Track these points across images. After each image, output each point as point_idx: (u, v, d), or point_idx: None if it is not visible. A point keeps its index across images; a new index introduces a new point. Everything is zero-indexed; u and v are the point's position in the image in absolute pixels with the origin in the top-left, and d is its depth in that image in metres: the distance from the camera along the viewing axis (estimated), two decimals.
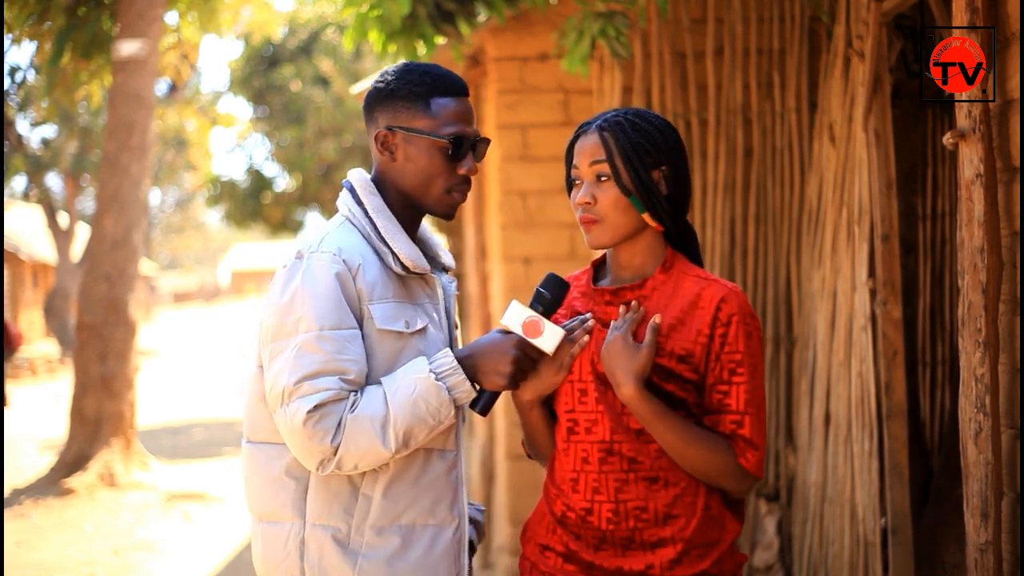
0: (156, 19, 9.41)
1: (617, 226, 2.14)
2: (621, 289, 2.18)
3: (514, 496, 5.33)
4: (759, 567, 4.40)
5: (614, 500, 2.11)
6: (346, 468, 2.06)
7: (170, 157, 30.93)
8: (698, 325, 2.10)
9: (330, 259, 2.09)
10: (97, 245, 9.52)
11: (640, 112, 2.18)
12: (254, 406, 2.18)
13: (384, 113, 2.19)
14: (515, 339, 2.12)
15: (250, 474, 2.20)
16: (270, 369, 2.09)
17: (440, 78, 2.18)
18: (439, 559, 2.16)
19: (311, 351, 2.04)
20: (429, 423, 2.08)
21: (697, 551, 2.10)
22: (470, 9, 4.60)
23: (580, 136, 2.18)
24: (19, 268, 24.06)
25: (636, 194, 2.12)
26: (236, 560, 6.82)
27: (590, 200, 2.14)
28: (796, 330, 4.42)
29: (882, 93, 3.65)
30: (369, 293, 2.10)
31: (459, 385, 2.09)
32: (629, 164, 2.12)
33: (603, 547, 2.12)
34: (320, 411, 2.02)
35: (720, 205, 4.49)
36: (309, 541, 2.11)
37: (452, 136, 2.15)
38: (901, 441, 3.64)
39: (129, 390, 9.47)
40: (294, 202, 20.38)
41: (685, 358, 2.09)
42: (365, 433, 2.03)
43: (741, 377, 2.09)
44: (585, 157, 2.15)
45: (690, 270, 2.18)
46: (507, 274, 5.26)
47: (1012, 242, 2.58)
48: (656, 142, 2.14)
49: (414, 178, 2.18)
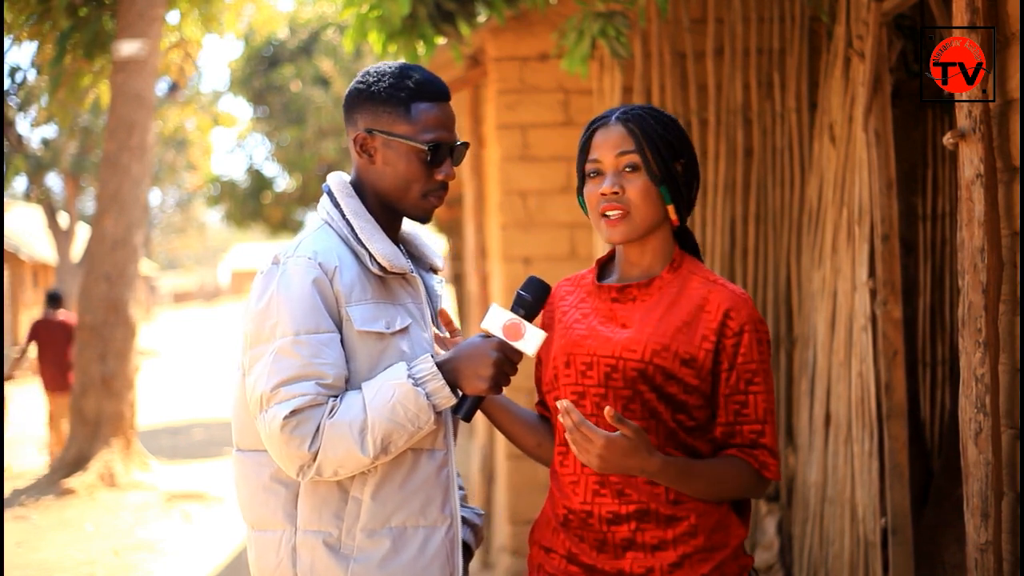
0: (156, 19, 9.41)
1: (645, 217, 2.12)
2: (627, 287, 2.16)
3: (514, 496, 5.33)
4: (759, 567, 4.40)
5: (615, 503, 2.09)
6: (326, 474, 2.05)
7: (170, 157, 30.93)
8: (703, 330, 2.08)
9: (306, 263, 2.07)
10: (97, 245, 9.52)
11: (653, 107, 2.19)
12: (241, 413, 2.17)
13: (364, 115, 2.17)
14: (495, 342, 2.10)
15: (240, 482, 2.19)
16: (250, 375, 2.08)
17: (422, 83, 2.16)
18: (431, 560, 2.14)
19: (288, 356, 2.02)
20: (408, 429, 2.06)
21: (700, 555, 2.08)
22: (470, 9, 4.60)
23: (599, 128, 2.16)
24: (19, 268, 24.05)
25: (666, 184, 2.11)
26: (236, 560, 6.82)
27: (617, 190, 2.11)
28: (796, 330, 4.41)
29: (882, 93, 3.65)
30: (347, 295, 2.09)
31: (438, 391, 2.07)
32: (658, 154, 2.11)
33: (604, 549, 2.11)
34: (297, 417, 2.00)
35: (720, 205, 4.49)
36: (300, 548, 2.10)
37: (431, 143, 2.14)
38: (901, 441, 3.64)
39: (129, 390, 9.47)
40: (294, 202, 20.39)
41: (688, 361, 2.08)
42: (343, 439, 2.01)
43: (758, 387, 2.08)
44: (610, 148, 2.13)
45: (698, 271, 2.16)
46: (507, 274, 5.26)
47: (1012, 242, 2.58)
48: (676, 135, 2.15)
49: (392, 182, 2.16)
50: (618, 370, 2.09)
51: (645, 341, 2.08)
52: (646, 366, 2.07)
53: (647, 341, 2.08)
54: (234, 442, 2.22)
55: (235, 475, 2.22)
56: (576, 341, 2.15)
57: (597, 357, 2.12)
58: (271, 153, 20.63)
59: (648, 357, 2.07)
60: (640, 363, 2.07)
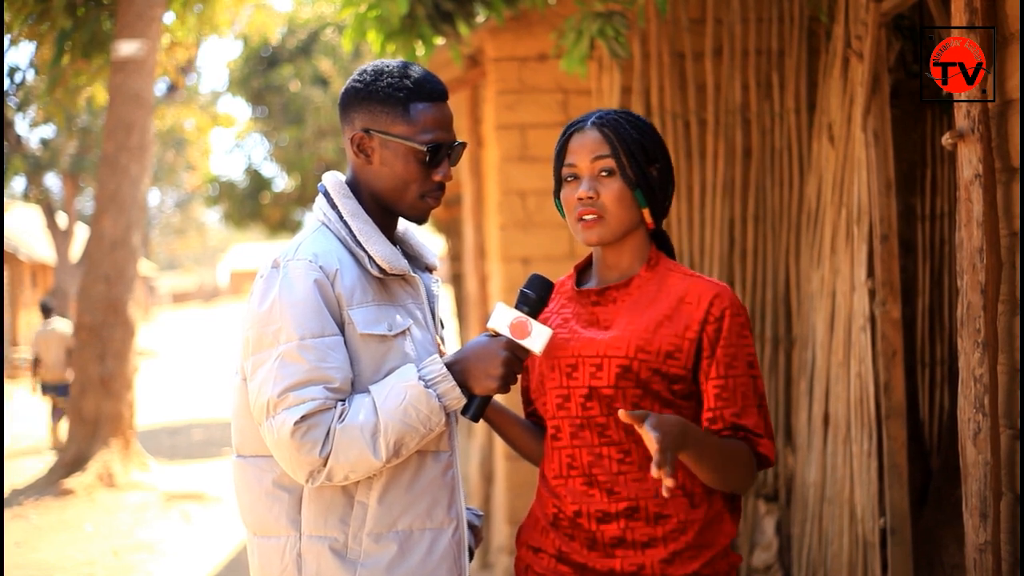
0: (155, 19, 9.41)
1: (620, 221, 2.14)
2: (607, 289, 2.18)
3: (513, 496, 5.33)
4: (758, 567, 4.40)
5: (604, 501, 2.10)
6: (336, 479, 2.02)
7: (169, 157, 30.92)
8: (686, 321, 2.10)
9: (306, 266, 2.05)
10: (96, 245, 9.52)
11: (629, 112, 2.21)
12: (241, 419, 2.14)
13: (361, 115, 2.15)
14: (503, 341, 2.09)
15: (242, 488, 2.16)
16: (253, 381, 2.05)
17: (420, 82, 2.14)
18: (439, 562, 2.13)
19: (294, 361, 2.00)
20: (420, 431, 2.05)
21: (690, 552, 2.09)
22: (469, 9, 4.60)
23: (575, 133, 2.18)
24: (18, 268, 24.03)
25: (640, 188, 2.13)
26: (235, 560, 6.81)
27: (592, 194, 2.13)
28: (795, 330, 4.41)
29: (881, 93, 3.65)
30: (348, 298, 2.07)
31: (449, 392, 2.06)
32: (633, 158, 2.13)
33: (595, 548, 2.12)
34: (307, 422, 1.98)
35: (719, 205, 4.49)
36: (306, 553, 2.07)
37: (429, 144, 2.12)
38: (900, 441, 3.64)
39: (128, 390, 9.47)
40: (293, 202, 20.38)
41: (672, 353, 2.09)
42: (355, 443, 2.00)
43: (736, 370, 2.09)
44: (586, 153, 2.15)
45: (675, 268, 2.19)
46: (506, 274, 5.25)
47: (1011, 242, 2.58)
48: (651, 139, 2.17)
49: (389, 182, 2.14)
50: (603, 369, 2.10)
51: (629, 338, 2.10)
52: (631, 362, 2.08)
53: (630, 338, 2.10)
54: (234, 448, 2.19)
55: (236, 481, 2.19)
56: (559, 344, 2.16)
57: (581, 358, 2.13)
58: (270, 153, 20.63)
59: (632, 353, 2.09)
60: (625, 359, 2.09)
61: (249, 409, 2.11)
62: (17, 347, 21.92)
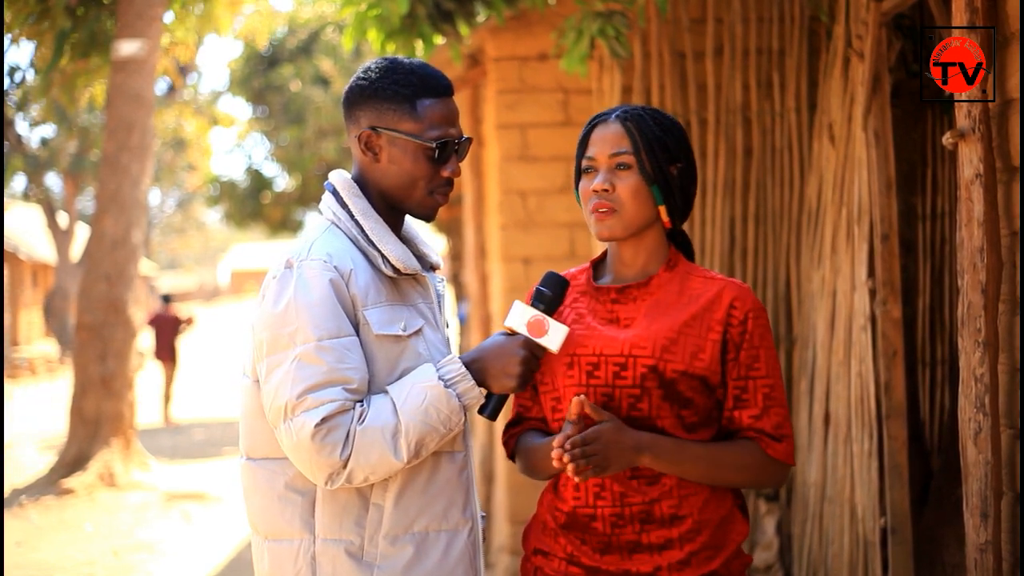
0: (155, 19, 9.40)
1: (633, 216, 2.12)
2: (627, 287, 2.16)
3: (514, 496, 5.33)
4: (759, 567, 4.40)
5: (618, 504, 2.09)
6: (356, 481, 2.00)
7: (170, 157, 30.92)
8: (709, 321, 2.09)
9: (321, 266, 2.02)
10: (97, 245, 9.52)
11: (656, 109, 2.20)
12: (252, 421, 2.12)
13: (367, 113, 2.13)
14: (521, 340, 2.08)
15: (252, 492, 2.13)
16: (268, 383, 2.02)
17: (426, 78, 2.12)
18: (455, 564, 2.11)
19: (312, 362, 1.97)
20: (440, 431, 2.03)
21: (706, 552, 2.09)
22: (469, 9, 4.60)
23: (598, 125, 2.17)
24: (19, 268, 24.04)
25: (658, 184, 2.12)
26: (236, 560, 6.81)
27: (608, 187, 2.12)
28: (796, 330, 4.41)
29: (882, 93, 3.65)
30: (363, 299, 2.05)
31: (469, 391, 2.05)
32: (652, 154, 2.12)
33: (610, 551, 2.10)
34: (327, 424, 1.95)
35: (720, 205, 4.49)
36: (321, 556, 2.05)
37: (438, 140, 2.10)
38: (901, 441, 3.64)
39: (129, 390, 9.47)
40: (294, 202, 20.38)
41: (696, 354, 2.08)
42: (376, 445, 1.98)
43: (758, 371, 2.10)
44: (606, 145, 2.14)
45: (695, 270, 2.18)
46: (507, 274, 5.26)
47: (1012, 242, 2.58)
48: (675, 138, 2.16)
49: (397, 180, 2.12)
50: (628, 368, 2.08)
51: (654, 337, 2.08)
52: (657, 362, 2.07)
53: (656, 337, 2.08)
54: (243, 451, 2.16)
55: (245, 484, 2.16)
56: (577, 341, 2.13)
57: (604, 357, 2.11)
58: (270, 153, 20.62)
59: (659, 353, 2.07)
60: (651, 359, 2.07)
61: (260, 411, 2.09)
62: (17, 347, 21.92)
